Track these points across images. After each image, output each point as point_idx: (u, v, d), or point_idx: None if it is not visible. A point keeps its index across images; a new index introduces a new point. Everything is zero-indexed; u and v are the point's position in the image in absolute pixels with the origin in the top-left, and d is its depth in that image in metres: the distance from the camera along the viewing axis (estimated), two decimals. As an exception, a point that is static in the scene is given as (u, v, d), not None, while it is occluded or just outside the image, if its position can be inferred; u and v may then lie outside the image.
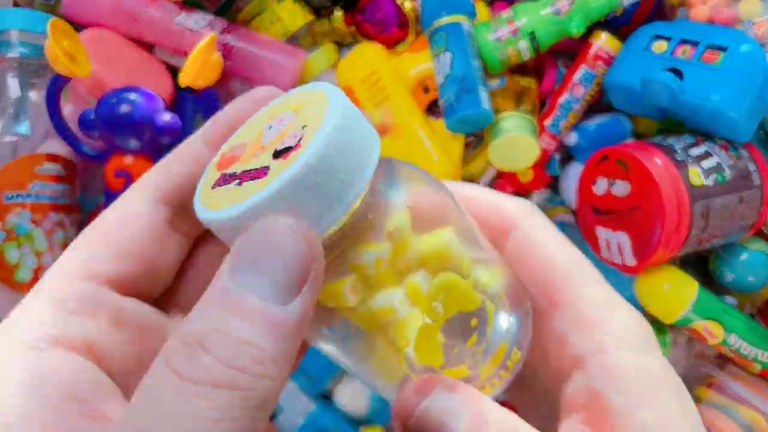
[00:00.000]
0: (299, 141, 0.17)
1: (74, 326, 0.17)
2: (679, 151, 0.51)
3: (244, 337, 0.14)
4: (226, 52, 0.57)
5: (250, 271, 0.15)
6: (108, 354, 0.17)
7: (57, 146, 0.53)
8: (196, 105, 0.59)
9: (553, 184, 0.63)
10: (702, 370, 0.61)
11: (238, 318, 0.15)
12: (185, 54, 0.57)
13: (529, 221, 0.21)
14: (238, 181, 0.17)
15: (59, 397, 0.16)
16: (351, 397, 0.61)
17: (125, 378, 0.18)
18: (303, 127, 0.17)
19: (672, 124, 0.58)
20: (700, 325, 0.54)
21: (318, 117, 0.17)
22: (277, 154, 0.17)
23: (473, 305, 0.19)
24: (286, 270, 0.15)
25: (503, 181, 0.61)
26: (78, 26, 0.52)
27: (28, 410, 0.15)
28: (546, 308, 0.20)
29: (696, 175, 0.50)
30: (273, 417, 0.61)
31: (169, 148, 0.53)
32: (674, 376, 0.19)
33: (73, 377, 0.16)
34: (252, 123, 0.21)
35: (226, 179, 0.18)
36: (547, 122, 0.59)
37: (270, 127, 0.19)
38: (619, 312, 0.20)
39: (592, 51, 0.58)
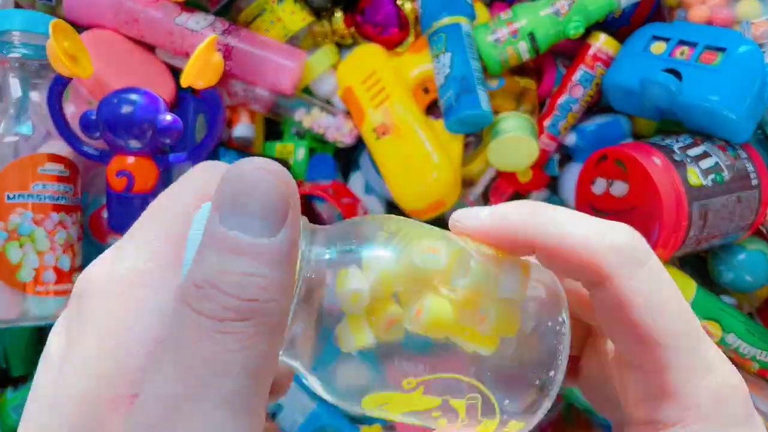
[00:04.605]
0: None
1: None
2: (677, 152, 0.51)
3: (247, 272, 0.16)
4: (227, 52, 0.57)
5: (235, 214, 0.16)
6: None
7: (59, 146, 0.53)
8: (197, 105, 0.60)
9: (552, 185, 0.63)
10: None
11: (236, 257, 0.16)
12: (186, 55, 0.57)
13: (626, 271, 0.20)
14: None
15: None
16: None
17: None
18: None
19: (671, 125, 0.58)
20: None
21: None
22: None
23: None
24: (267, 206, 0.17)
25: (503, 181, 0.62)
26: (79, 27, 0.52)
27: None
28: (633, 371, 0.20)
29: (694, 176, 0.50)
30: (273, 416, 0.61)
31: (170, 148, 0.54)
32: None
33: None
34: None
35: None
36: (547, 123, 0.59)
37: None
38: (711, 379, 0.19)
39: (590, 52, 0.58)
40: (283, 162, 0.64)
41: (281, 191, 0.17)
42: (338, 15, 0.60)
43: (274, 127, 0.66)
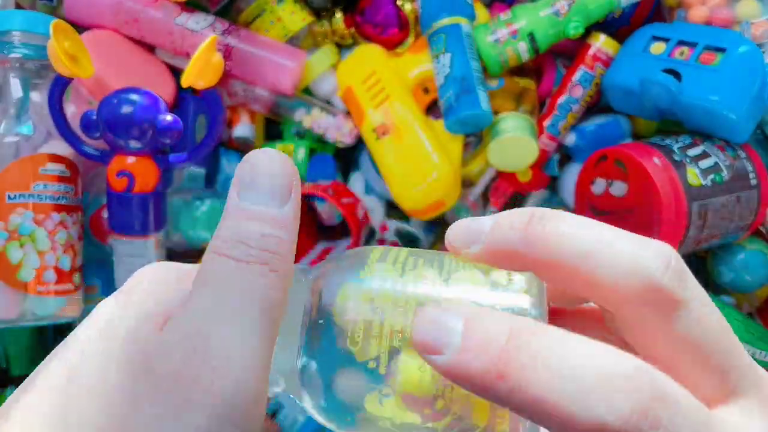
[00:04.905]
0: None
1: None
2: (676, 152, 0.52)
3: (265, 233, 0.21)
4: (227, 53, 0.58)
5: (250, 190, 0.21)
6: None
7: (59, 147, 0.53)
8: (197, 106, 0.60)
9: (552, 185, 0.63)
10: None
11: (256, 221, 0.21)
12: (186, 55, 0.57)
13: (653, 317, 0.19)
14: None
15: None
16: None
17: None
18: None
19: (670, 125, 0.58)
20: (698, 324, 0.55)
21: None
22: None
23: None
24: (273, 183, 0.21)
25: (503, 181, 0.62)
26: (80, 27, 0.52)
27: None
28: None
29: (693, 176, 0.50)
30: (273, 414, 0.61)
31: (170, 148, 0.54)
32: None
33: None
34: None
35: None
36: (546, 123, 0.59)
37: None
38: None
39: (590, 52, 0.58)
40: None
41: (284, 171, 0.22)
42: (338, 15, 0.60)
43: (274, 127, 0.66)
